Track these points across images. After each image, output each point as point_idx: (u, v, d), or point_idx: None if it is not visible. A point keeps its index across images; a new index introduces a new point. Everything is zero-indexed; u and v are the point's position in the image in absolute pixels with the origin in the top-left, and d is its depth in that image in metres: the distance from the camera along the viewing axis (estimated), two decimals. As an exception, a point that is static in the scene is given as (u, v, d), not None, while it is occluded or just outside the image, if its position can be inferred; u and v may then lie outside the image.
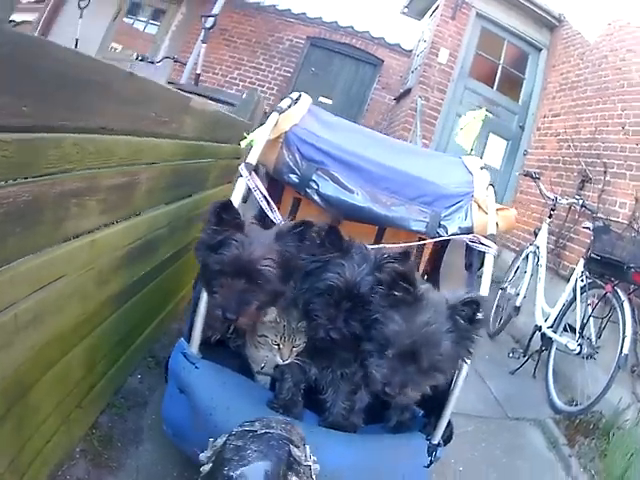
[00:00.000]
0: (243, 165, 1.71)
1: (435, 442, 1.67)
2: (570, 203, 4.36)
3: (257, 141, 1.79)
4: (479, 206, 1.87)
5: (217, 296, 1.48)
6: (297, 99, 2.16)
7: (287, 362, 1.61)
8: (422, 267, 2.30)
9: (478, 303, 1.41)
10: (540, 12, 6.41)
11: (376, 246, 1.84)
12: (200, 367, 1.65)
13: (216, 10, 5.93)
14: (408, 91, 6.80)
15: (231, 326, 1.70)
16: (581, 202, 4.21)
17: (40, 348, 1.41)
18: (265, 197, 1.74)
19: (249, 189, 1.74)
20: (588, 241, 3.88)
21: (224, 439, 0.96)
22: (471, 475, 2.59)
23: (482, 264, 1.81)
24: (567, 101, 5.66)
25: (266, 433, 0.95)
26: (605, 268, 3.49)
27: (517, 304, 4.32)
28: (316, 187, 1.87)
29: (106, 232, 1.68)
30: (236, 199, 1.65)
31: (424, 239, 1.97)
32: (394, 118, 7.41)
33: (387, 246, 1.88)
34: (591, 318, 3.50)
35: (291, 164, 1.89)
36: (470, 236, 1.79)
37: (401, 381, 1.38)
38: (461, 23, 6.34)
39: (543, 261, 4.25)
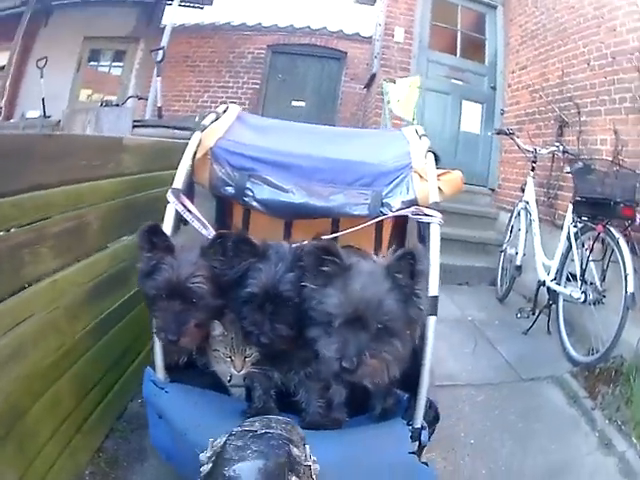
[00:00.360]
0: (170, 191, 1.72)
1: (417, 426, 1.61)
2: (551, 151, 4.30)
3: (181, 164, 1.78)
4: (420, 176, 1.82)
5: (157, 320, 1.52)
6: (225, 111, 2.16)
7: (242, 373, 1.63)
8: (385, 246, 2.25)
9: (413, 254, 1.39)
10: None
11: (331, 236, 1.82)
12: (170, 391, 1.67)
13: (164, 42, 6.06)
14: (374, 76, 6.72)
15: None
16: (562, 148, 4.16)
17: (25, 378, 1.62)
18: (196, 217, 1.74)
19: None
20: (576, 186, 3.78)
21: (224, 439, 0.96)
22: (484, 446, 2.52)
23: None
24: (531, 52, 5.55)
25: (266, 433, 0.96)
26: (594, 209, 3.40)
27: (518, 263, 4.26)
28: (252, 194, 1.87)
29: (65, 272, 1.86)
30: (167, 225, 1.68)
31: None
32: (367, 106, 7.35)
33: (345, 232, 1.86)
34: (591, 263, 3.41)
35: (224, 177, 1.89)
36: (412, 209, 1.74)
37: (355, 350, 1.33)
38: (410, -1, 6.26)
39: (535, 215, 4.19)
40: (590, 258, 3.38)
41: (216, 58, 8.56)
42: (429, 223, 1.71)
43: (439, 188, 1.79)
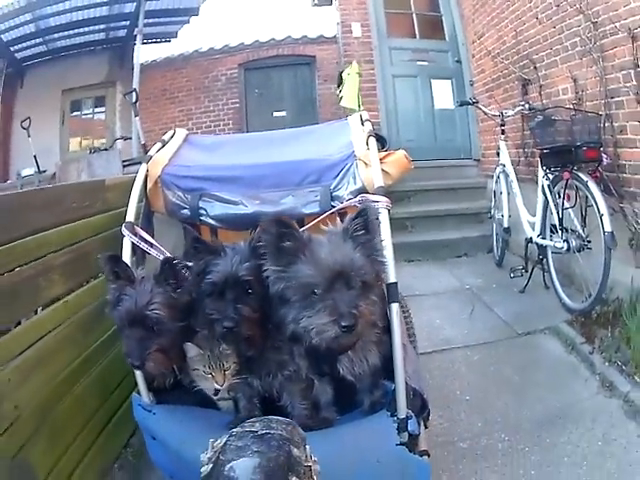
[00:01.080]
0: (123, 226, 1.81)
1: (402, 416, 1.56)
2: (518, 111, 4.33)
3: (131, 198, 1.88)
4: (365, 163, 1.82)
5: (124, 347, 1.60)
6: (172, 137, 2.23)
7: (225, 386, 1.66)
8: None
9: (365, 210, 1.43)
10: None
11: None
12: (157, 412, 1.74)
13: (135, 85, 6.32)
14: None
15: (174, 367, 1.77)
16: (527, 106, 4.20)
17: (49, 383, 1.92)
18: (153, 246, 1.82)
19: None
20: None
21: (224, 440, 0.96)
22: (479, 402, 2.60)
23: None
24: (485, 18, 5.65)
25: (267, 433, 0.94)
26: (559, 158, 3.48)
27: (505, 225, 4.37)
28: (206, 213, 1.93)
29: (73, 295, 2.21)
30: (126, 259, 1.76)
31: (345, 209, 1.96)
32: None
33: (308, 226, 1.84)
34: (570, 211, 3.47)
35: (177, 202, 1.96)
36: (358, 198, 1.72)
37: (349, 306, 1.32)
38: (361, -7, 6.40)
39: (513, 176, 4.27)
40: (566, 206, 3.45)
41: (192, 86, 8.71)
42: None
43: (385, 171, 1.79)
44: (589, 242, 3.35)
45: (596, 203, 3.13)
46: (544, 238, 3.75)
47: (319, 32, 8.32)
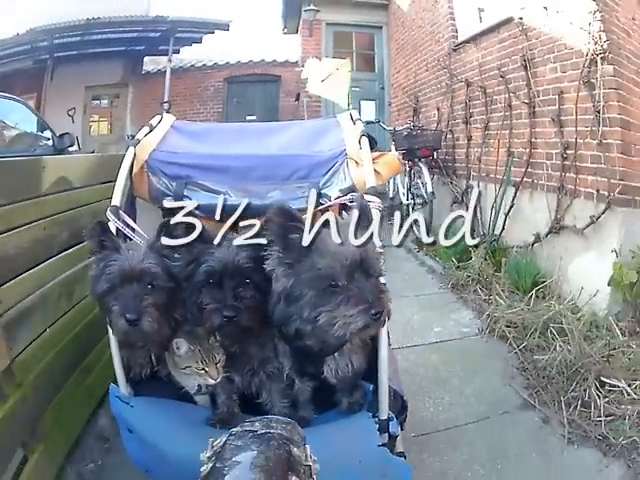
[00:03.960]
0: (108, 209, 1.68)
1: (383, 417, 1.56)
2: (404, 128, 6.48)
3: (117, 181, 1.74)
4: (356, 162, 1.81)
5: (115, 308, 1.45)
6: (159, 122, 2.12)
7: (218, 380, 1.60)
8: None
9: (365, 206, 1.43)
10: (372, 0, 8.79)
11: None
12: (134, 405, 1.67)
13: (166, 97, 8.74)
14: (299, 94, 9.09)
15: (152, 357, 1.72)
16: (412, 125, 6.54)
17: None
18: (135, 231, 1.70)
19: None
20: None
21: (224, 439, 0.93)
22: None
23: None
24: (401, 60, 7.97)
25: (266, 433, 0.93)
26: (410, 154, 5.95)
27: (390, 196, 6.74)
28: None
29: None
30: None
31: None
32: (297, 113, 9.66)
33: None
34: (418, 184, 5.89)
35: (162, 188, 1.90)
36: (348, 197, 1.71)
37: (373, 291, 1.29)
38: (317, 36, 8.78)
39: (396, 168, 6.67)
40: (415, 181, 5.95)
41: (188, 92, 10.95)
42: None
43: (377, 171, 1.77)
44: (430, 201, 5.66)
45: (424, 177, 5.60)
46: (407, 200, 6.17)
47: (285, 57, 10.77)
